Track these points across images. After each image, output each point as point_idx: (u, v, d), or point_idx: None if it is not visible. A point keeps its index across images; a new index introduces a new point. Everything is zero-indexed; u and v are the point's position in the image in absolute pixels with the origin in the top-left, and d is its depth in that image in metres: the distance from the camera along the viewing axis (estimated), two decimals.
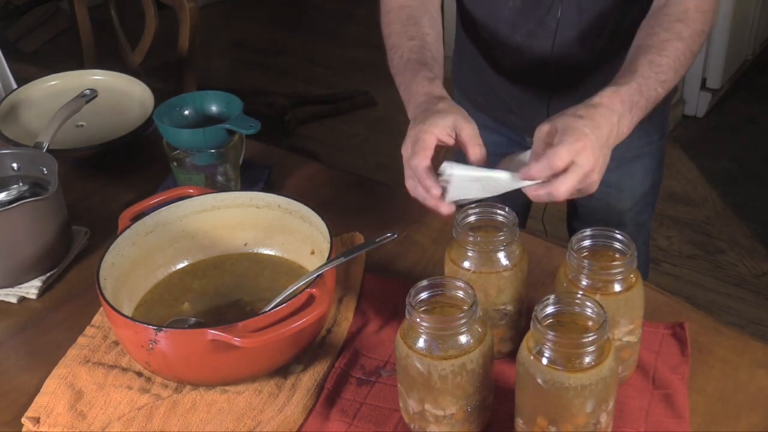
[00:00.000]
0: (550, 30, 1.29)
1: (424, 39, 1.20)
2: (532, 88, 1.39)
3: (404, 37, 1.20)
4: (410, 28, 1.21)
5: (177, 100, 1.35)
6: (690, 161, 3.07)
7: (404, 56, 1.17)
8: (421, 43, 1.19)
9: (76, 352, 1.08)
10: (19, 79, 1.66)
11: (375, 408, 0.99)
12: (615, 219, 1.49)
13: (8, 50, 1.81)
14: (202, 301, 1.12)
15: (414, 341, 0.89)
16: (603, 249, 0.96)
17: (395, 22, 1.24)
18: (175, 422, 0.98)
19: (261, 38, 4.18)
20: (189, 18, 2.04)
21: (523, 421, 0.89)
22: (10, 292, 1.20)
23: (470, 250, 0.98)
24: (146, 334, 0.95)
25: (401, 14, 1.24)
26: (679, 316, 1.09)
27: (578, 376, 0.82)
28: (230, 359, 0.97)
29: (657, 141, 1.47)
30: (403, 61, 1.17)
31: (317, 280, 1.00)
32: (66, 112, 1.35)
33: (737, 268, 2.59)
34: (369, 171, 3.05)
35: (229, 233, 1.18)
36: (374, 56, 2.02)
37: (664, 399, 0.98)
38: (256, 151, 1.48)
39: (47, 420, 0.99)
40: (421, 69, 1.13)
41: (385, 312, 1.13)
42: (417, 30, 1.21)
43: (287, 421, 0.96)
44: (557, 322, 0.86)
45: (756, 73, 3.53)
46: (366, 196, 1.39)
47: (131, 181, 1.43)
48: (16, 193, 1.25)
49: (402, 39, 1.20)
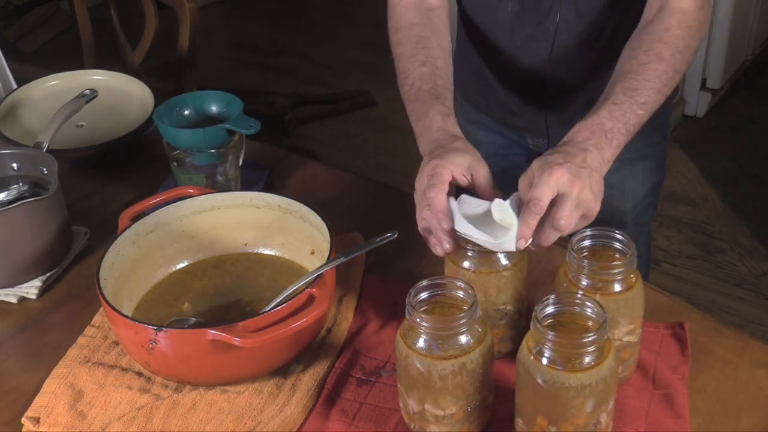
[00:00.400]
0: (549, 33, 1.29)
1: (434, 64, 1.20)
2: (531, 90, 1.39)
3: (414, 62, 1.20)
4: (420, 52, 1.22)
5: (177, 100, 1.35)
6: (690, 161, 3.07)
7: (415, 84, 1.18)
8: (432, 69, 1.19)
9: (76, 352, 1.08)
10: (19, 79, 1.66)
11: (375, 408, 0.99)
12: (616, 220, 1.50)
13: (8, 50, 1.81)
14: (202, 301, 1.12)
15: (414, 341, 0.89)
16: (603, 249, 0.96)
17: (404, 43, 1.24)
18: (175, 422, 0.98)
19: (261, 38, 4.17)
20: (189, 18, 2.04)
21: (523, 421, 0.89)
22: (10, 292, 1.20)
23: (470, 250, 0.98)
24: (146, 334, 0.95)
25: (410, 34, 1.24)
26: (679, 316, 1.09)
27: (578, 376, 0.82)
28: (230, 359, 0.97)
29: (658, 143, 1.47)
30: (414, 89, 1.17)
31: (317, 280, 1.00)
32: (66, 112, 1.35)
33: (737, 268, 2.59)
34: (369, 171, 3.05)
35: (229, 233, 1.18)
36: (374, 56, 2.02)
37: (664, 399, 0.98)
38: (256, 151, 1.48)
39: (47, 420, 0.99)
40: (434, 103, 1.14)
41: (385, 312, 1.13)
42: (427, 54, 1.21)
43: (287, 421, 0.96)
44: (557, 322, 0.86)
45: (756, 73, 3.53)
46: (366, 196, 1.39)
47: (131, 181, 1.43)
48: (16, 193, 1.25)
49: (412, 64, 1.21)
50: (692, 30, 1.14)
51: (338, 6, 4.46)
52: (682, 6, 1.14)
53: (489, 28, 1.36)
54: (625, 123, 1.05)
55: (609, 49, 1.29)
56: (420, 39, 1.23)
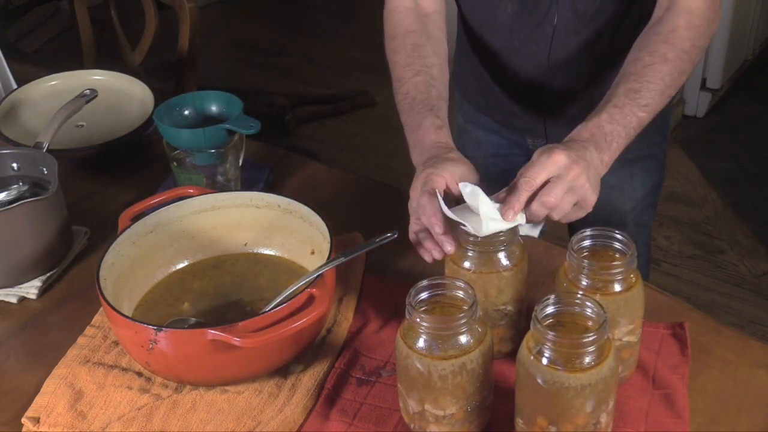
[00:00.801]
0: (547, 35, 1.29)
1: (429, 73, 1.20)
2: (531, 91, 1.39)
3: (409, 71, 1.21)
4: (415, 60, 1.22)
5: (177, 100, 1.35)
6: (690, 161, 3.07)
7: (410, 94, 1.18)
8: (427, 78, 1.19)
9: (76, 352, 1.08)
10: (19, 79, 1.66)
11: (375, 408, 0.99)
12: (616, 220, 1.50)
13: (8, 50, 1.81)
14: (202, 301, 1.12)
15: (414, 341, 0.89)
16: (603, 249, 0.96)
17: (400, 51, 1.24)
18: (175, 422, 0.98)
19: (261, 38, 4.17)
20: (189, 18, 2.04)
21: (523, 421, 0.89)
22: (10, 292, 1.20)
23: (470, 250, 0.98)
24: (146, 334, 0.95)
25: (406, 42, 1.24)
26: (679, 316, 1.09)
27: (578, 376, 0.82)
28: (230, 359, 0.97)
29: (658, 143, 1.47)
30: (409, 99, 1.18)
31: (317, 280, 1.00)
32: (66, 112, 1.35)
33: (737, 268, 2.59)
34: (369, 171, 3.05)
35: (229, 233, 1.18)
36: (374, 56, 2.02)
37: (664, 399, 0.98)
38: (256, 151, 1.48)
39: (47, 420, 0.99)
40: (428, 115, 1.14)
41: (385, 312, 1.13)
42: (422, 63, 1.21)
43: (287, 421, 0.96)
44: (557, 322, 0.86)
45: (756, 73, 3.53)
46: (366, 196, 1.39)
47: (131, 181, 1.43)
48: (16, 193, 1.25)
49: (407, 73, 1.21)
50: (700, 29, 1.14)
51: (338, 6, 4.46)
52: (690, 5, 1.13)
53: (488, 30, 1.36)
54: (625, 126, 1.06)
55: (608, 51, 1.29)
56: (416, 47, 1.23)
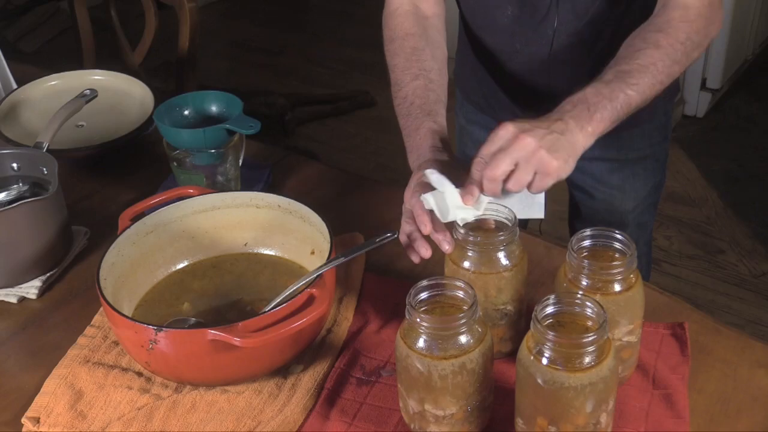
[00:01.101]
0: (547, 37, 1.29)
1: (428, 77, 1.21)
2: (531, 92, 1.39)
3: (408, 75, 1.21)
4: (414, 64, 1.22)
5: (177, 100, 1.35)
6: (690, 161, 3.06)
7: (408, 98, 1.19)
8: (425, 82, 1.20)
9: (76, 352, 1.08)
10: (19, 79, 1.66)
11: (375, 408, 0.99)
12: (617, 220, 1.50)
13: (8, 50, 1.81)
14: (202, 301, 1.12)
15: (414, 341, 0.89)
16: (603, 249, 0.96)
17: (399, 54, 1.24)
18: (175, 422, 0.98)
19: (261, 38, 4.17)
20: (189, 18, 2.04)
21: (523, 421, 0.89)
22: (10, 292, 1.20)
23: (470, 250, 0.98)
24: (146, 334, 0.95)
25: (405, 45, 1.25)
26: (679, 316, 1.09)
27: (578, 376, 0.82)
28: (230, 359, 0.97)
29: (660, 143, 1.47)
30: (407, 103, 1.19)
31: (317, 280, 1.00)
32: (66, 112, 1.35)
33: (737, 268, 2.59)
34: (369, 171, 3.05)
35: (229, 233, 1.18)
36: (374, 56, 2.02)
37: (664, 399, 0.98)
38: (256, 151, 1.48)
39: (47, 420, 0.99)
40: (425, 120, 1.15)
41: (385, 312, 1.13)
42: (420, 67, 1.22)
43: (287, 421, 0.96)
44: (557, 322, 0.86)
45: (756, 73, 3.52)
46: (366, 196, 1.39)
47: (131, 181, 1.43)
48: (16, 193, 1.25)
49: (406, 76, 1.21)
50: (695, 25, 1.13)
51: (338, 6, 4.46)
52: (686, 1, 1.14)
53: (489, 32, 1.36)
54: (611, 100, 1.05)
55: (608, 53, 1.29)
56: (414, 51, 1.24)
